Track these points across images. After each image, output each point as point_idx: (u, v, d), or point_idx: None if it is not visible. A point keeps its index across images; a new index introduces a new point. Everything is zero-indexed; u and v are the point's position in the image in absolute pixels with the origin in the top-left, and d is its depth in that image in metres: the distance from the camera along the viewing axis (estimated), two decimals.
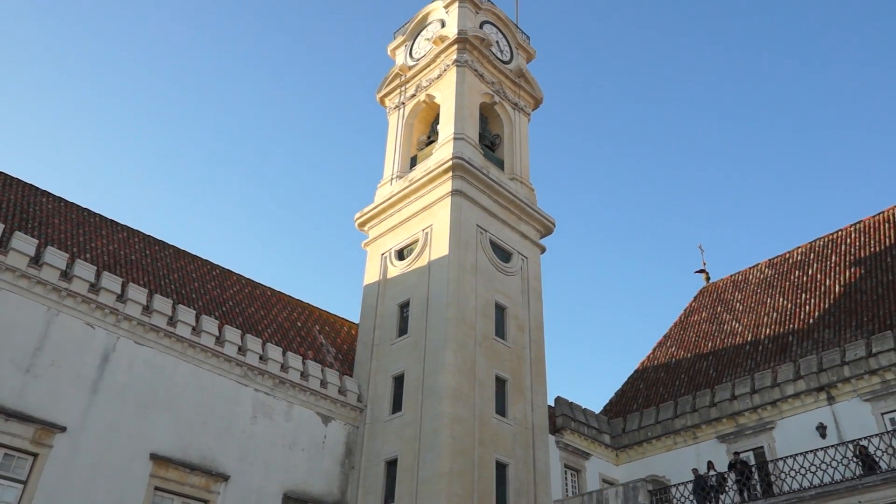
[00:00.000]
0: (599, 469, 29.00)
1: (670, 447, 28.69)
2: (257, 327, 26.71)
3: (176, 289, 25.49)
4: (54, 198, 25.84)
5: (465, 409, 23.99)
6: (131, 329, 21.54)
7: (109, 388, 20.48)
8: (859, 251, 31.02)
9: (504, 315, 27.66)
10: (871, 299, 27.95)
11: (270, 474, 22.95)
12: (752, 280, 35.22)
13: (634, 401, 33.03)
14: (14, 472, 18.19)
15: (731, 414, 27.41)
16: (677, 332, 35.95)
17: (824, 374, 25.48)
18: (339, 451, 25.23)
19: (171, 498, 20.74)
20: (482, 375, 25.27)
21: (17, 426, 18.33)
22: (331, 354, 28.69)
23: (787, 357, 28.34)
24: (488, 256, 28.14)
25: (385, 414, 25.49)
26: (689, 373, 32.29)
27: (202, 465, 21.51)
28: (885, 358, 24.23)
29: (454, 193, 27.89)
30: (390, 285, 28.71)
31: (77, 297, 20.63)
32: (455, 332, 25.00)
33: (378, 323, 28.07)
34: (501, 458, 24.36)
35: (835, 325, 28.25)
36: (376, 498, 23.88)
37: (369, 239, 31.12)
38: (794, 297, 31.63)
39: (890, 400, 23.83)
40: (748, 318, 32.73)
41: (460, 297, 25.91)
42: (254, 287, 29.89)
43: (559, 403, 29.24)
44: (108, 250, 24.78)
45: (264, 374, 24.08)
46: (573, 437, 28.54)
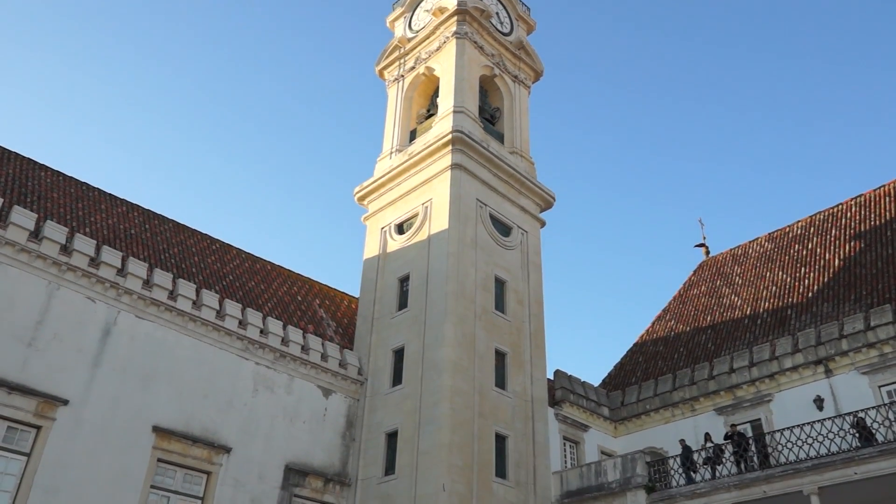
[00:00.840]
0: (598, 441, 29.28)
1: (668, 420, 28.94)
2: (258, 301, 26.80)
3: (176, 263, 25.53)
4: (52, 171, 25.77)
5: (465, 381, 24.15)
6: (132, 303, 21.62)
7: (111, 361, 20.61)
8: (859, 225, 31.00)
9: (504, 289, 27.73)
10: (871, 273, 28.00)
11: (272, 446, 23.19)
12: (751, 254, 35.25)
13: (633, 374, 33.24)
14: (17, 445, 18.37)
15: (729, 387, 27.57)
16: (676, 306, 36.07)
17: (822, 348, 25.61)
18: (340, 424, 25.46)
19: (174, 469, 20.98)
20: (482, 349, 25.41)
21: (19, 399, 18.47)
22: (331, 328, 28.82)
23: (785, 331, 28.46)
24: (488, 230, 28.14)
25: (385, 387, 25.68)
26: (688, 346, 32.46)
27: (204, 437, 21.72)
28: (883, 331, 24.33)
29: (454, 167, 27.81)
30: (390, 259, 28.75)
31: (77, 272, 20.67)
32: (455, 305, 25.09)
33: (378, 297, 28.16)
34: (501, 430, 24.59)
35: (834, 298, 28.33)
36: (377, 469, 24.15)
37: (369, 213, 31.09)
38: (793, 271, 31.68)
39: (887, 373, 23.96)
40: (747, 292, 32.81)
41: (460, 271, 25.95)
42: (254, 261, 29.94)
43: (558, 376, 29.44)
44: (107, 224, 24.77)
45: (265, 347, 24.21)
46: (572, 410, 28.78)
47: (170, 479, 20.82)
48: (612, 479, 24.10)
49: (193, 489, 21.17)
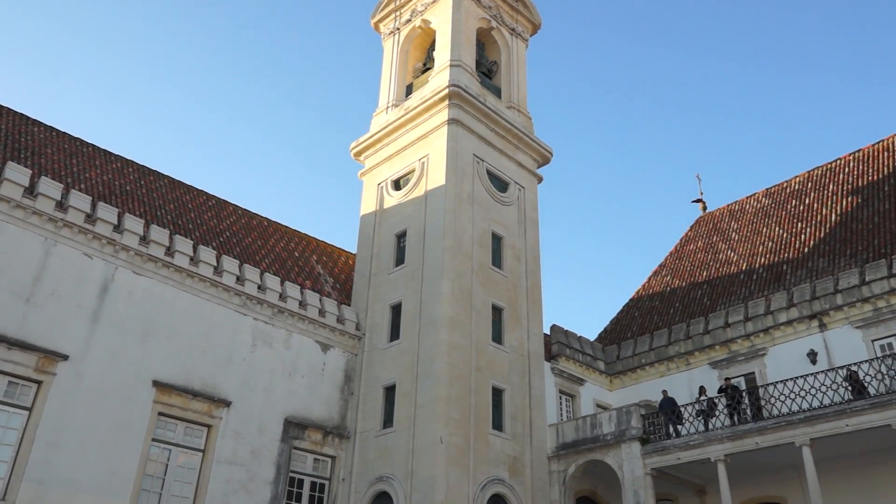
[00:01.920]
0: (593, 394, 29.65)
1: (663, 373, 29.27)
2: (255, 257, 26.81)
3: (172, 219, 25.46)
4: (46, 127, 25.50)
5: (462, 336, 24.33)
6: (129, 259, 21.61)
7: (110, 317, 20.68)
8: (857, 180, 30.93)
9: (501, 244, 27.75)
10: (867, 228, 28.03)
11: (271, 400, 23.45)
12: (748, 209, 35.23)
13: (629, 329, 33.51)
14: (19, 400, 18.53)
15: (724, 341, 27.81)
16: (673, 262, 36.19)
17: (817, 302, 25.74)
18: (339, 378, 25.72)
19: (174, 423, 21.24)
20: (479, 304, 25.54)
21: (19, 354, 18.58)
22: (328, 284, 28.91)
23: (781, 286, 28.59)
24: (485, 186, 28.04)
25: (383, 342, 25.87)
26: (684, 301, 32.65)
27: (204, 391, 21.94)
28: (877, 286, 24.43)
29: (451, 122, 27.57)
30: (387, 215, 28.69)
31: (73, 228, 20.60)
32: (452, 261, 25.13)
33: (375, 253, 28.19)
34: (498, 383, 24.86)
35: (829, 253, 28.41)
36: (375, 422, 24.48)
37: (365, 169, 30.92)
38: (790, 227, 31.71)
39: (881, 327, 24.14)
40: (743, 248, 32.89)
41: (457, 226, 25.93)
42: (250, 217, 29.86)
43: (555, 331, 29.65)
44: (102, 181, 24.62)
45: (263, 303, 24.31)
46: (568, 364, 29.07)
47: (171, 433, 21.10)
48: (607, 432, 24.50)
49: (194, 442, 21.48)
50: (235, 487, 21.65)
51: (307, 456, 23.99)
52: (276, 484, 22.64)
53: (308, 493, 23.64)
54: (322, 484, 24.11)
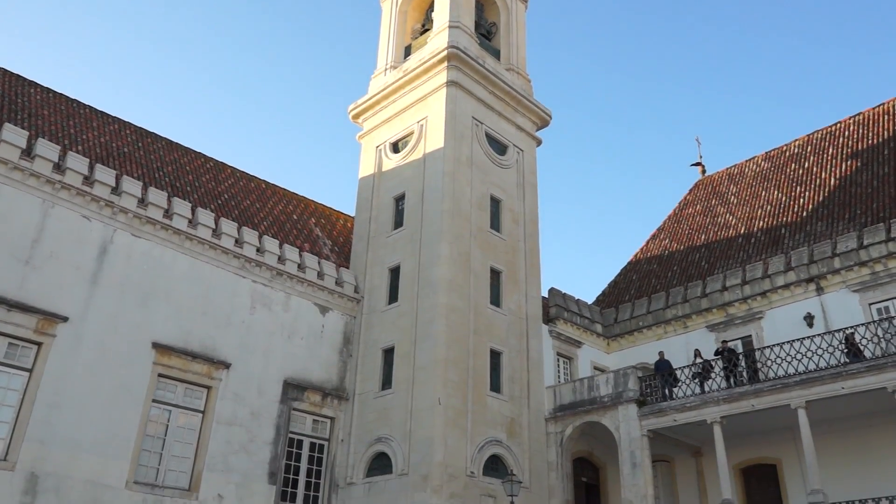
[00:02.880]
0: (591, 357, 29.82)
1: (660, 336, 29.39)
2: (253, 220, 26.74)
3: (170, 181, 25.33)
4: (42, 88, 25.21)
5: (461, 299, 24.39)
6: (127, 222, 21.53)
7: (109, 279, 20.68)
8: (857, 144, 30.75)
9: (499, 208, 27.68)
10: (866, 192, 27.94)
11: (270, 362, 23.59)
12: (747, 173, 35.09)
13: (627, 292, 33.60)
14: (19, 361, 18.61)
15: (721, 304, 27.85)
16: (671, 225, 36.15)
17: (814, 266, 25.73)
18: (337, 340, 25.84)
19: (174, 384, 21.38)
20: (477, 267, 25.56)
21: (19, 316, 18.61)
22: (327, 247, 28.89)
23: (779, 249, 28.59)
24: (484, 149, 27.86)
25: (382, 304, 25.94)
26: (682, 265, 32.69)
27: (203, 353, 22.05)
28: (875, 250, 24.37)
29: (449, 84, 27.28)
30: (385, 178, 28.56)
31: (71, 190, 20.49)
32: (450, 224, 25.08)
33: (374, 216, 28.12)
34: (496, 346, 25.00)
35: (828, 217, 28.36)
36: (374, 384, 24.66)
37: (364, 131, 30.69)
38: (788, 190, 31.62)
39: (878, 290, 24.13)
40: (742, 211, 32.83)
41: (455, 189, 25.83)
42: (248, 180, 29.71)
43: (553, 294, 29.73)
44: (99, 142, 24.43)
45: (262, 265, 24.31)
46: (566, 327, 29.20)
47: (171, 394, 21.26)
48: (605, 394, 24.71)
49: (194, 403, 21.64)
50: (235, 448, 21.89)
51: (306, 417, 24.22)
52: (275, 444, 22.88)
53: (307, 454, 23.91)
54: (321, 444, 24.38)
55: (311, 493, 23.59)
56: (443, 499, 21.12)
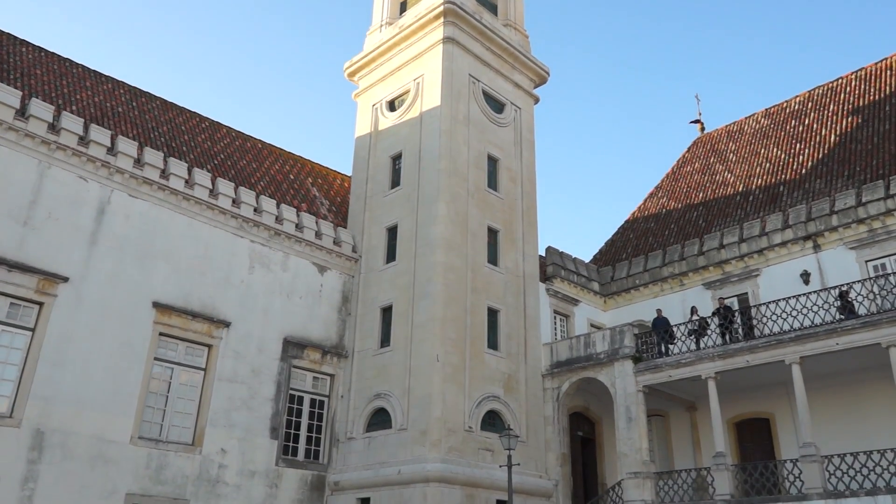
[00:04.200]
0: (588, 315, 30.05)
1: (657, 294, 29.55)
2: (250, 180, 26.72)
3: (166, 142, 25.24)
4: (34, 47, 24.93)
5: (458, 258, 24.51)
6: (124, 182, 21.54)
7: (107, 239, 20.78)
8: (858, 100, 30.49)
9: (496, 166, 27.61)
10: (866, 149, 27.80)
11: (270, 321, 23.82)
12: (747, 130, 34.88)
13: (624, 250, 33.69)
14: (21, 320, 18.83)
15: (718, 262, 27.93)
16: (669, 183, 36.07)
17: (812, 224, 25.71)
18: (336, 299, 26.04)
19: (175, 343, 21.64)
20: (474, 226, 25.62)
21: (19, 276, 18.76)
22: (324, 206, 28.90)
23: (777, 207, 28.56)
24: (481, 107, 27.68)
25: (379, 264, 26.07)
26: (679, 223, 32.70)
27: (203, 312, 22.26)
28: (873, 207, 24.30)
29: (446, 41, 26.97)
30: (382, 137, 28.43)
31: (67, 150, 20.45)
32: (447, 183, 25.06)
33: (371, 175, 28.07)
34: (493, 304, 25.20)
35: (827, 175, 28.28)
36: (373, 342, 24.93)
37: (360, 89, 30.44)
38: (788, 148, 31.47)
39: (875, 248, 24.12)
40: (741, 169, 32.72)
41: (452, 148, 25.74)
42: (244, 140, 29.58)
43: (550, 253, 29.83)
44: (93, 102, 24.27)
45: (259, 225, 24.37)
46: (563, 285, 29.36)
47: (172, 352, 21.54)
48: (601, 350, 24.99)
49: (195, 361, 21.95)
50: (237, 404, 22.25)
51: (306, 374, 24.56)
52: (276, 401, 23.25)
53: (308, 410, 24.32)
54: (321, 401, 24.77)
55: (311, 448, 24.06)
56: (441, 453, 21.54)
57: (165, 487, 20.17)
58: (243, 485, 21.76)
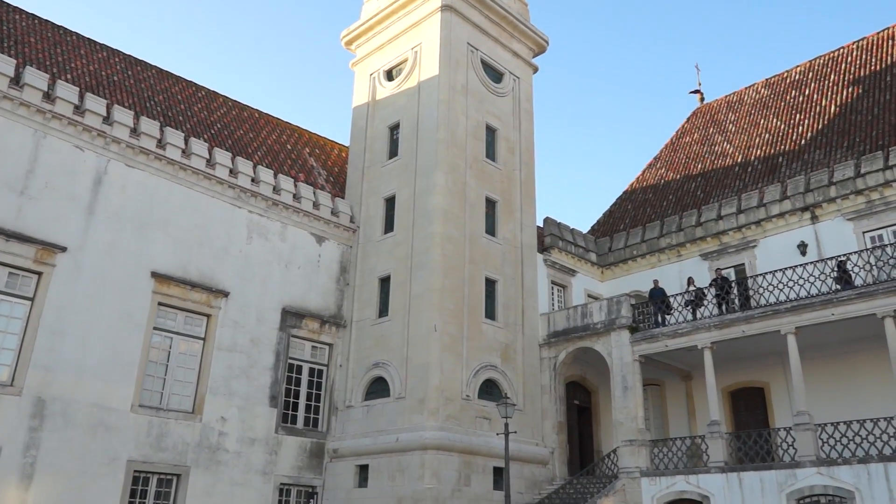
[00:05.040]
0: (585, 285, 30.16)
1: (654, 265, 29.61)
2: (247, 150, 26.61)
3: (162, 111, 25.07)
4: (27, 14, 24.65)
5: (456, 229, 24.53)
6: (121, 152, 21.45)
7: (105, 209, 20.76)
8: (859, 70, 30.30)
9: (495, 137, 27.51)
10: (866, 120, 27.69)
11: (268, 290, 23.91)
12: (746, 100, 34.69)
13: (622, 221, 33.71)
14: (21, 290, 18.89)
15: (716, 233, 27.94)
16: (668, 154, 35.97)
17: (810, 195, 25.68)
18: (334, 269, 26.11)
19: (174, 312, 21.74)
20: (472, 197, 25.60)
21: (17, 246, 18.77)
22: (322, 177, 28.83)
23: (775, 178, 28.53)
24: (479, 76, 27.48)
25: (377, 234, 26.09)
26: (678, 194, 32.69)
27: (202, 282, 22.33)
28: (872, 178, 24.27)
29: (444, 9, 26.69)
30: (380, 107, 28.26)
31: (62, 120, 20.34)
32: (446, 153, 24.99)
33: (368, 145, 27.97)
34: (491, 274, 25.28)
35: (826, 146, 28.20)
36: (371, 312, 25.04)
37: (357, 58, 30.19)
38: (787, 118, 31.33)
39: (873, 219, 24.12)
40: (740, 140, 32.62)
41: (451, 118, 25.62)
42: (241, 109, 29.39)
43: (548, 223, 29.85)
44: (88, 71, 24.06)
45: (257, 196, 24.34)
46: (560, 256, 29.42)
47: (171, 321, 21.64)
48: (598, 321, 25.14)
49: (195, 330, 22.07)
50: (237, 373, 22.42)
51: (305, 344, 24.72)
52: (275, 370, 23.43)
53: (307, 379, 24.52)
54: (320, 370, 24.96)
55: (311, 416, 24.31)
56: (439, 421, 21.77)
57: (166, 454, 20.42)
58: (243, 452, 22.02)
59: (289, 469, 23.02)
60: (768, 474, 19.79)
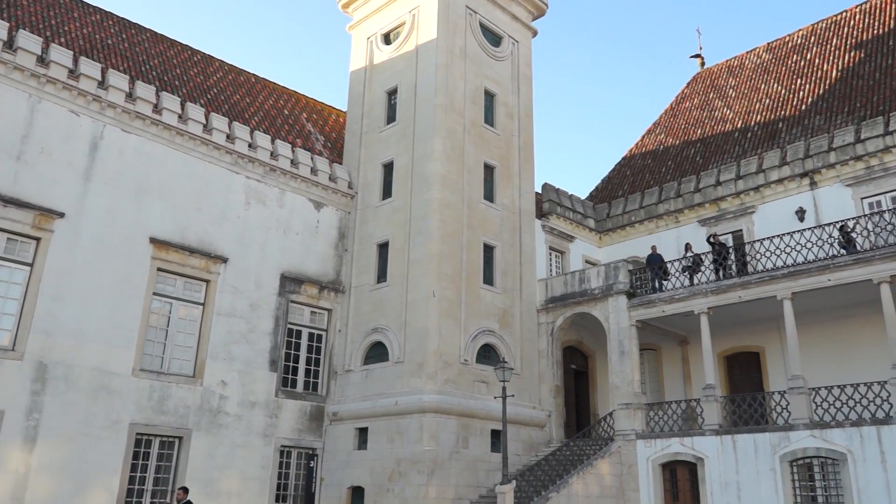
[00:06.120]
0: (583, 251, 30.24)
1: (652, 231, 29.65)
2: (244, 115, 26.44)
3: (157, 75, 24.86)
4: None
5: (454, 194, 24.50)
6: (116, 117, 21.31)
7: (102, 175, 20.69)
8: (862, 34, 29.99)
9: (493, 102, 27.32)
10: (868, 84, 27.50)
11: (267, 256, 23.97)
12: (747, 65, 34.40)
13: (620, 187, 33.66)
14: (20, 256, 18.91)
15: (714, 199, 27.92)
16: (667, 120, 35.77)
17: (810, 161, 25.61)
18: (333, 235, 26.14)
19: (174, 278, 21.81)
20: (471, 162, 25.52)
21: (15, 212, 18.76)
22: (319, 142, 28.70)
23: (775, 144, 28.42)
24: (478, 40, 27.20)
25: (376, 200, 26.07)
26: (677, 160, 32.59)
27: (201, 248, 22.36)
28: (872, 144, 24.18)
29: None
30: (377, 71, 28.01)
31: (57, 84, 20.16)
32: (444, 119, 24.85)
33: (366, 111, 27.78)
34: (489, 240, 25.33)
35: (827, 111, 28.04)
36: (369, 277, 25.14)
37: (354, 21, 29.83)
38: (788, 83, 31.11)
39: (871, 185, 24.09)
40: (740, 105, 32.42)
41: (449, 83, 25.42)
42: (238, 74, 29.12)
43: (546, 189, 29.81)
44: (82, 34, 23.79)
45: (254, 161, 24.25)
46: (559, 222, 29.45)
47: (170, 287, 21.73)
48: (595, 286, 25.26)
49: (194, 296, 22.16)
50: (236, 338, 22.59)
51: (304, 309, 24.85)
52: (275, 335, 23.60)
53: (306, 343, 24.71)
54: (319, 335, 25.14)
55: (310, 380, 24.56)
56: (437, 385, 22.01)
57: (168, 417, 20.67)
58: (244, 415, 22.29)
59: (289, 432, 23.33)
60: (762, 436, 20.08)
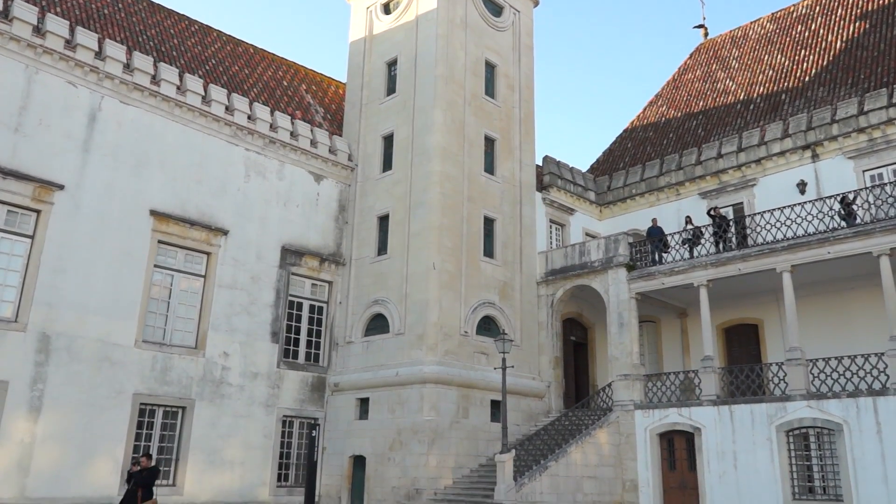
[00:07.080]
0: (583, 224, 30.22)
1: (653, 203, 29.59)
2: (243, 86, 26.28)
3: (155, 46, 24.66)
4: None
5: (454, 167, 24.44)
6: (114, 88, 21.19)
7: (101, 147, 20.63)
8: (867, 4, 29.62)
9: (494, 73, 27.12)
10: (872, 56, 27.23)
11: (267, 229, 23.99)
12: (751, 36, 34.06)
13: (621, 159, 33.53)
14: (20, 228, 18.94)
15: (715, 172, 27.83)
16: (669, 91, 35.51)
17: (812, 133, 25.45)
18: (333, 208, 26.13)
19: (174, 250, 21.86)
20: (471, 134, 25.41)
21: (14, 184, 18.74)
22: (319, 114, 28.55)
23: (777, 116, 28.23)
24: (478, 10, 26.92)
25: (376, 172, 26.01)
26: (678, 132, 32.41)
27: (201, 220, 22.37)
28: (875, 116, 23.98)
29: None
30: (377, 42, 27.77)
31: (54, 55, 20.02)
32: (444, 90, 24.69)
33: (366, 82, 27.59)
34: (489, 213, 25.32)
35: (830, 83, 27.81)
36: (370, 250, 25.18)
37: None
38: (792, 54, 30.82)
39: (873, 157, 23.97)
40: (743, 77, 32.16)
41: (449, 54, 25.22)
42: (236, 44, 28.88)
43: (547, 162, 29.71)
44: (78, 3, 23.54)
45: (254, 133, 24.16)
46: (559, 195, 29.39)
47: (171, 259, 21.79)
48: (595, 259, 25.30)
49: (195, 268, 22.23)
50: (238, 310, 22.70)
51: (305, 281, 24.94)
52: (276, 307, 23.71)
53: (307, 315, 24.84)
54: (320, 307, 25.26)
55: (312, 351, 24.73)
56: (438, 356, 22.16)
57: (171, 388, 20.85)
58: (246, 385, 22.48)
59: (291, 402, 23.55)
60: (759, 407, 20.25)
